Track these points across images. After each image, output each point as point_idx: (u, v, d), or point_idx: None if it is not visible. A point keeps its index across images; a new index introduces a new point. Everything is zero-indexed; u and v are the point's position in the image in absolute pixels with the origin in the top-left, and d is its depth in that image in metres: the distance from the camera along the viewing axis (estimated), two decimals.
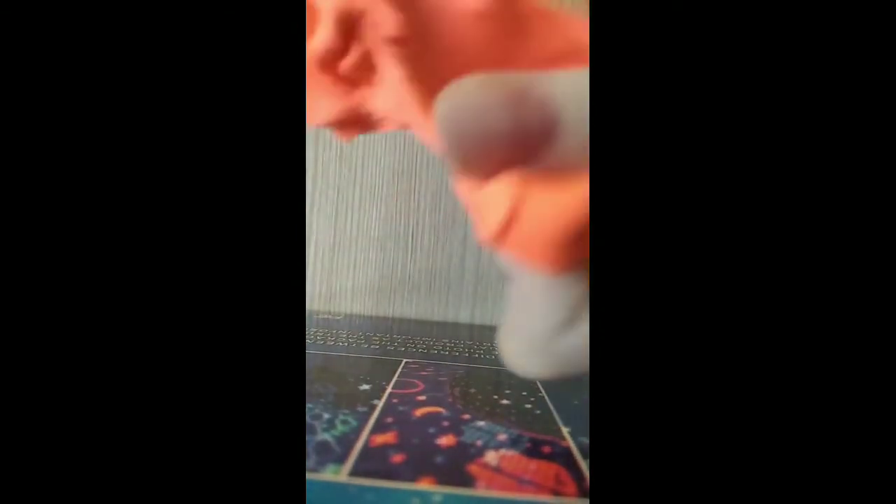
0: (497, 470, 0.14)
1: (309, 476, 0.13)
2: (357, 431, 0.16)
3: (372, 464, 0.14)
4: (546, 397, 0.21)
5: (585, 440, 0.16)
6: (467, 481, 0.13)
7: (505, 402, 0.20)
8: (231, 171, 0.10)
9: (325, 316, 0.35)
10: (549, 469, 0.14)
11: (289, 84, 0.10)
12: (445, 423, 0.17)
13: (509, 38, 0.13)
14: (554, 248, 0.11)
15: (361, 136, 0.36)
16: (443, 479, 0.13)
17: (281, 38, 0.10)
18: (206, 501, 0.09)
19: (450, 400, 0.19)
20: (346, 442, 0.15)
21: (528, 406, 0.19)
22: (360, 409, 0.18)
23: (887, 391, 0.08)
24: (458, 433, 0.16)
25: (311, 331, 0.30)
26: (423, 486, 0.13)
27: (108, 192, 0.09)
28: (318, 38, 0.12)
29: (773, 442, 0.09)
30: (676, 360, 0.09)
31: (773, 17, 0.09)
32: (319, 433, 0.15)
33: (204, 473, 0.09)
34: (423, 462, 0.14)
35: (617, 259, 0.09)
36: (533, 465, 0.14)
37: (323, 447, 0.14)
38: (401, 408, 0.18)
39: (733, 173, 0.09)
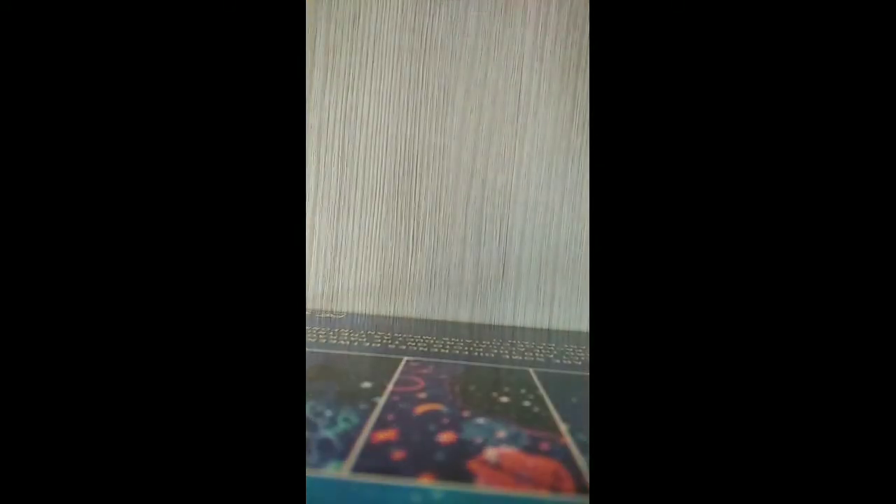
0: (496, 466, 0.14)
1: (311, 473, 0.13)
2: (358, 429, 0.16)
3: (373, 461, 0.14)
4: (545, 395, 0.21)
5: (583, 437, 0.17)
6: (467, 478, 0.13)
7: (504, 399, 0.20)
8: (233, 172, 0.10)
9: (328, 315, 0.35)
10: (548, 465, 0.14)
11: (289, 85, 0.10)
12: (445, 421, 0.17)
13: None
14: None
15: (363, 138, 0.36)
16: (443, 476, 0.13)
17: (281, 39, 0.10)
18: (208, 498, 0.09)
19: (450, 397, 0.20)
20: (348, 439, 0.15)
21: (527, 404, 0.20)
22: (362, 406, 0.18)
23: (882, 391, 0.08)
24: (458, 430, 0.16)
25: (313, 330, 0.30)
26: (424, 482, 0.13)
27: (109, 193, 0.09)
28: None
29: (769, 436, 0.09)
30: (674, 358, 0.09)
31: (770, 23, 0.09)
32: (321, 430, 0.15)
33: (206, 470, 0.09)
34: (423, 459, 0.14)
35: (616, 260, 0.09)
36: (531, 461, 0.15)
37: (325, 444, 0.15)
38: (401, 405, 0.18)
39: (732, 174, 0.09)
